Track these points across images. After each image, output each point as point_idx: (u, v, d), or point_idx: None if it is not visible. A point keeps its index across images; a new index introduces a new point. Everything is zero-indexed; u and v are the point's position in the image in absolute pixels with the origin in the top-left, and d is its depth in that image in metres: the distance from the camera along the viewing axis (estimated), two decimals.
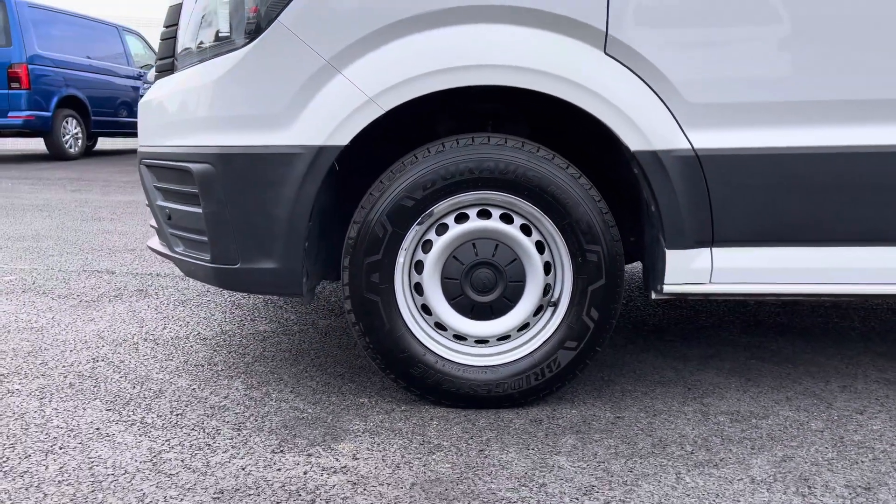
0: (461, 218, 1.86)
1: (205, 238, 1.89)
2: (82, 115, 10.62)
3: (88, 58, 10.83)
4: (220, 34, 1.87)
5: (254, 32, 1.78)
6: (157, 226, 2.16)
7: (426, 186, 1.80)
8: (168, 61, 2.08)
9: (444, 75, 1.74)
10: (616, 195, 2.25)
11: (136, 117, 11.60)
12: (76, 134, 10.50)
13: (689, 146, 1.78)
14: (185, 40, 2.00)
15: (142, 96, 9.81)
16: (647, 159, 1.78)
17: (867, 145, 1.75)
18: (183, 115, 1.90)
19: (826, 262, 1.83)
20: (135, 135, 10.69)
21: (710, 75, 1.74)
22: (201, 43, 1.92)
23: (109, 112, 11.26)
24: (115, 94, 11.42)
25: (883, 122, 1.75)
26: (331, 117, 1.76)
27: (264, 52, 1.77)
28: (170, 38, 2.07)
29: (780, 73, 1.74)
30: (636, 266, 3.63)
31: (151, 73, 10.00)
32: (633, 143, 1.77)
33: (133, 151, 12.19)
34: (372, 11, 1.73)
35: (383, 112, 1.76)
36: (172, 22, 2.06)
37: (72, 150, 10.39)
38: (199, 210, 1.87)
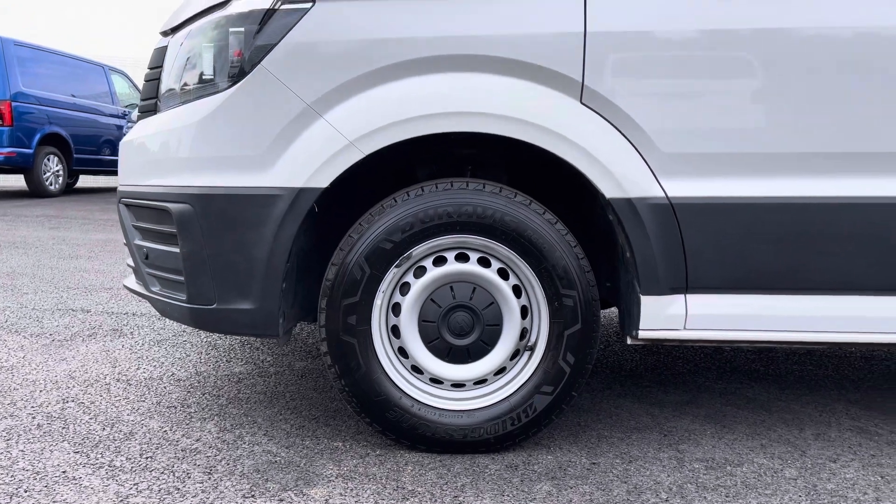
0: (439, 261, 1.87)
1: (181, 278, 1.89)
2: (64, 152, 10.59)
3: (73, 96, 10.86)
4: (203, 77, 1.90)
5: (237, 76, 1.81)
6: (133, 265, 2.15)
7: (405, 229, 1.82)
8: (151, 102, 2.09)
9: (423, 122, 1.77)
10: (593, 240, 2.28)
11: (118, 155, 11.64)
12: (57, 171, 10.45)
13: (664, 194, 1.81)
14: (168, 82, 2.02)
15: (125, 135, 9.85)
16: (622, 207, 1.81)
17: (835, 196, 1.80)
18: (164, 155, 1.91)
19: (798, 311, 1.86)
20: (116, 173, 10.68)
21: (684, 126, 1.79)
22: (185, 85, 1.95)
23: (92, 150, 11.25)
24: (98, 133, 11.42)
25: (851, 175, 1.80)
26: (311, 160, 1.78)
27: (247, 96, 1.79)
28: (154, 79, 2.09)
29: (751, 125, 1.79)
30: (614, 310, 3.65)
31: (135, 113, 10.04)
32: (609, 190, 1.81)
33: (114, 190, 12.14)
34: (353, 58, 1.77)
35: (364, 156, 1.78)
36: (157, 64, 2.09)
37: (52, 188, 10.33)
38: (177, 250, 1.87)
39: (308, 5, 1.78)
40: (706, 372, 2.72)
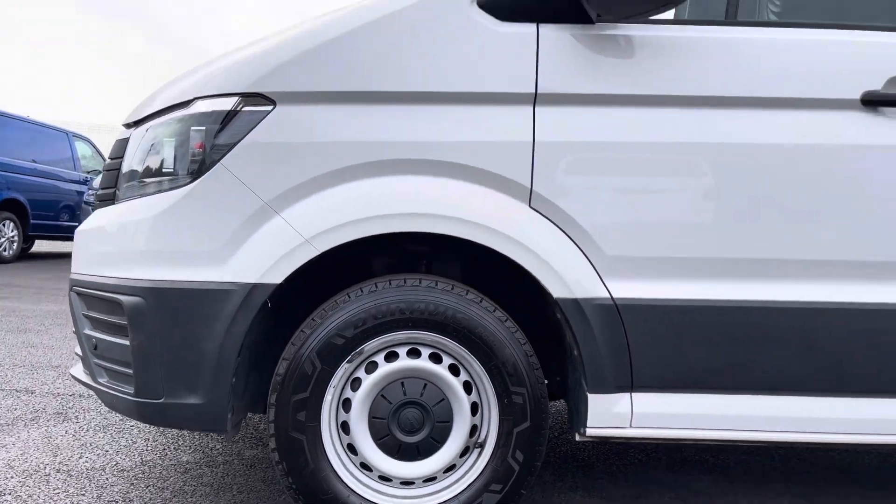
0: (391, 356, 1.89)
1: (130, 371, 1.87)
2: (21, 217, 10.43)
3: (34, 161, 10.78)
4: (164, 171, 1.93)
5: (196, 173, 1.85)
6: (81, 354, 2.13)
7: (357, 325, 1.84)
8: (110, 191, 2.11)
9: (377, 222, 1.82)
10: (544, 335, 2.33)
11: (77, 221, 11.46)
12: (12, 237, 10.27)
13: (609, 295, 1.88)
14: (128, 174, 2.04)
15: (86, 202, 9.63)
16: (568, 306, 1.86)
17: (769, 301, 1.88)
18: (119, 246, 1.92)
19: (740, 410, 1.91)
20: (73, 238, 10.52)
21: (627, 230, 1.87)
22: (145, 178, 1.97)
23: (50, 216, 11.10)
24: (58, 198, 11.30)
25: (784, 280, 1.89)
26: (266, 256, 1.81)
27: (206, 192, 1.83)
28: (114, 169, 2.12)
29: (690, 230, 1.88)
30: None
31: (98, 181, 9.98)
32: (556, 290, 1.86)
33: (71, 255, 11.92)
34: (311, 159, 1.82)
35: (318, 253, 1.82)
36: (118, 154, 2.12)
37: (6, 254, 10.13)
38: (127, 342, 1.86)
39: (269, 108, 1.84)
40: (657, 462, 2.74)
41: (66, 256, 12.05)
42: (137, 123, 2.10)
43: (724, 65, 1.88)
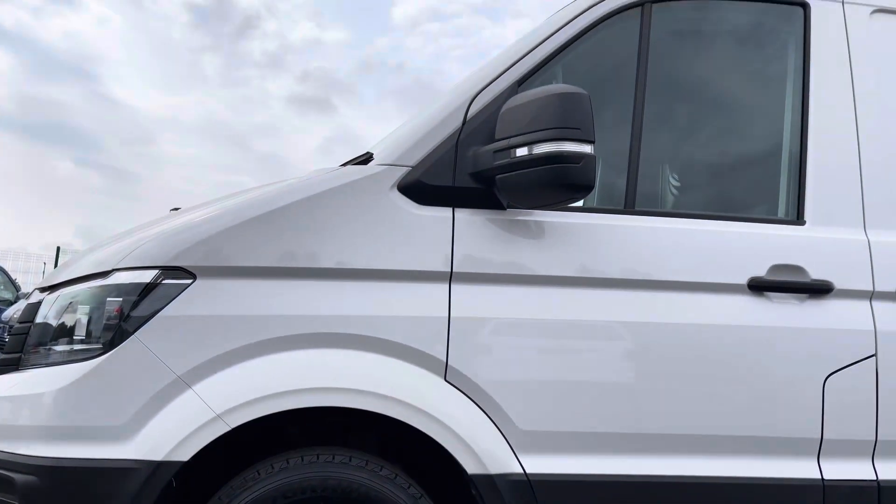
0: None
1: None
2: None
3: None
4: (74, 339, 1.90)
5: (109, 344, 1.82)
6: None
7: None
8: (15, 356, 2.04)
9: (291, 397, 1.82)
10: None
11: None
12: None
13: (522, 471, 1.89)
14: (37, 339, 1.99)
15: None
16: (483, 483, 1.87)
17: (682, 476, 1.95)
18: (17, 418, 1.84)
19: None
20: None
21: (541, 405, 1.92)
22: (54, 345, 1.93)
23: None
24: None
25: (690, 456, 1.97)
26: (175, 432, 1.77)
27: (117, 364, 1.79)
28: (22, 333, 2.06)
29: (602, 406, 1.95)
30: None
31: (9, 312, 9.53)
32: (470, 466, 1.87)
33: None
34: (227, 333, 1.83)
35: (230, 429, 1.79)
36: (27, 319, 2.07)
37: None
38: None
39: (188, 281, 1.86)
40: None
41: None
42: (52, 288, 2.07)
43: (626, 250, 2.03)
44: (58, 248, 17.17)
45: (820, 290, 2.10)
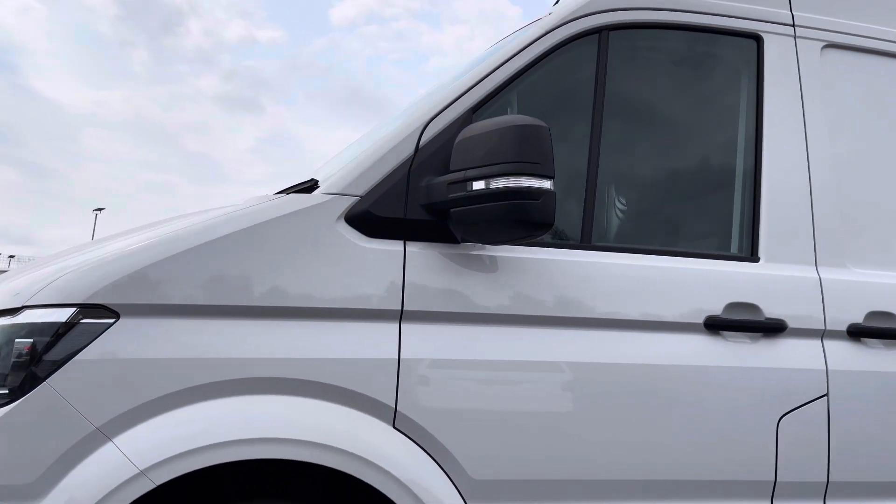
0: None
1: None
2: None
3: None
4: None
5: (18, 391, 1.62)
6: None
7: None
8: None
9: (222, 450, 1.65)
10: None
11: None
12: None
13: None
14: None
15: None
16: None
17: None
18: None
19: None
20: None
21: (495, 454, 1.82)
22: None
23: None
24: None
25: (647, 500, 1.90)
26: (93, 490, 1.58)
27: (25, 414, 1.59)
28: None
29: (561, 453, 1.85)
30: None
31: None
32: None
33: None
34: (153, 379, 1.66)
35: (155, 486, 1.61)
36: None
37: None
38: None
39: (110, 320, 1.68)
40: None
41: None
42: None
43: (583, 288, 1.96)
44: None
45: (774, 328, 2.07)
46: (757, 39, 2.30)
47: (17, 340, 1.66)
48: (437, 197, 1.85)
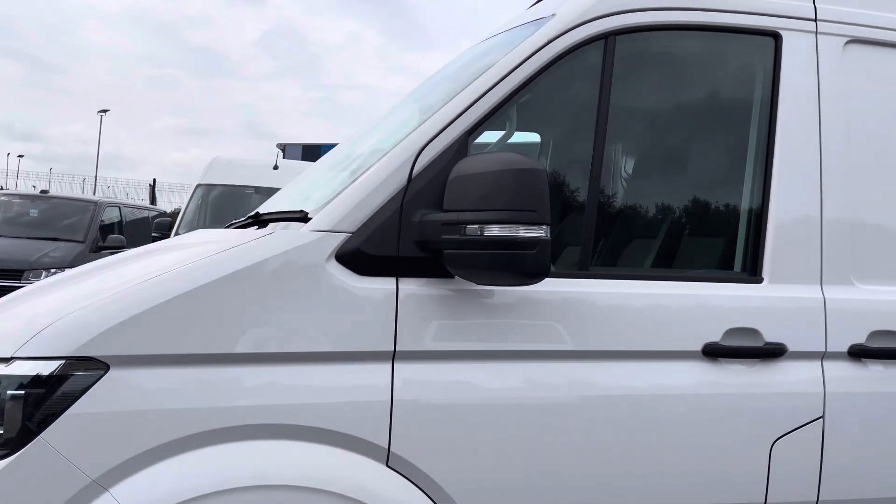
0: None
1: None
2: None
3: None
4: None
5: (12, 445, 1.64)
6: None
7: None
8: None
9: (217, 498, 1.68)
10: None
11: None
12: None
13: None
14: None
15: None
16: None
17: None
18: None
19: None
20: None
21: (491, 493, 1.84)
22: None
23: None
24: None
25: None
26: None
27: (19, 471, 1.61)
28: None
29: (558, 490, 1.88)
30: None
31: None
32: None
33: None
34: (146, 429, 1.67)
35: None
36: None
37: None
38: None
39: (100, 372, 1.67)
40: None
41: None
42: None
43: (583, 320, 1.92)
44: None
45: (773, 353, 2.05)
46: (776, 37, 2.15)
47: (10, 392, 1.67)
48: (430, 236, 1.79)
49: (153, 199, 20.71)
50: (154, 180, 21.06)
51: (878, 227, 2.21)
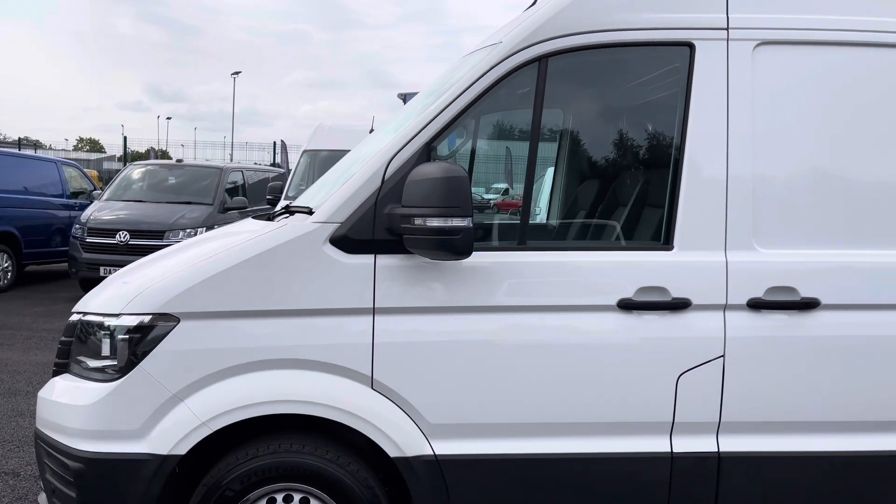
0: (271, 502, 2.56)
1: None
2: (14, 248, 11.06)
3: (25, 189, 11.39)
4: (96, 367, 2.55)
5: (123, 370, 2.49)
6: (45, 490, 2.79)
7: (244, 481, 2.51)
8: (64, 362, 2.75)
9: (254, 408, 2.48)
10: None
11: (67, 245, 12.02)
12: (6, 267, 10.91)
13: (432, 453, 2.54)
14: (75, 356, 2.67)
15: (73, 236, 9.93)
16: (402, 463, 2.53)
17: (559, 453, 2.56)
18: (67, 421, 2.57)
19: None
20: (65, 261, 11.14)
21: (443, 402, 2.53)
22: (87, 362, 2.61)
23: (41, 241, 11.73)
24: (49, 223, 11.92)
25: (570, 436, 2.56)
26: (174, 433, 2.47)
27: (129, 387, 2.48)
28: (66, 344, 2.75)
29: (494, 404, 2.54)
30: None
31: (87, 213, 10.49)
32: (392, 451, 2.53)
33: (62, 276, 12.52)
34: (207, 361, 2.48)
35: (211, 431, 2.48)
36: (69, 335, 2.75)
37: (1, 284, 10.77)
38: (74, 494, 2.53)
39: (174, 324, 2.49)
40: None
41: (58, 278, 12.64)
42: (84, 314, 2.73)
43: (518, 282, 2.53)
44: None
45: (679, 305, 2.56)
46: (690, 46, 2.59)
47: (119, 337, 2.52)
48: (395, 225, 2.46)
49: (283, 159, 22.01)
50: (282, 141, 22.53)
51: (777, 199, 2.63)
